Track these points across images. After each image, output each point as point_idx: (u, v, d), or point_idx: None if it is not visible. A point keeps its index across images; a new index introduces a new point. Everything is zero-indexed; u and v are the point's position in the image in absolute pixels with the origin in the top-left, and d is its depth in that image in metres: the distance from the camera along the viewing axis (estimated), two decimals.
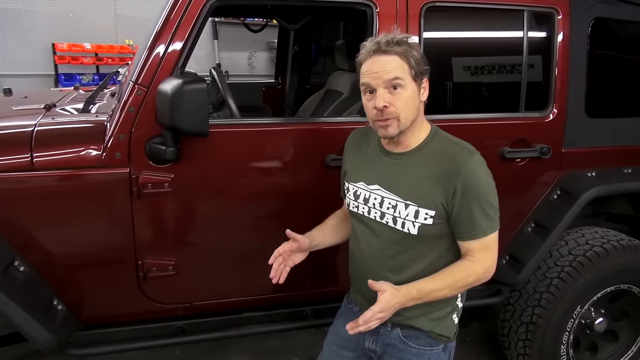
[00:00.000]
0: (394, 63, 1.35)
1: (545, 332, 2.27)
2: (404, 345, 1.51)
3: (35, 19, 5.76)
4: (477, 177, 1.36)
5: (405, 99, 1.36)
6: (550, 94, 2.21)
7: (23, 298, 1.67)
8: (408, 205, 1.40)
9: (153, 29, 1.85)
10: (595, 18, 2.25)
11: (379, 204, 1.46)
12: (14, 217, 1.71)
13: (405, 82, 1.35)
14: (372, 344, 1.57)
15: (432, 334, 1.50)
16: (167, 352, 2.75)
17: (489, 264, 1.42)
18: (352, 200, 1.54)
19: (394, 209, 1.43)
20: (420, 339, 1.50)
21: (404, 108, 1.36)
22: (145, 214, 1.82)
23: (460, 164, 1.36)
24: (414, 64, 1.35)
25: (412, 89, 1.37)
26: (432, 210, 1.38)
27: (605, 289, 2.31)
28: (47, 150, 1.72)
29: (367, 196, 1.49)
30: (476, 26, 2.19)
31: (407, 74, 1.35)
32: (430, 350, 1.50)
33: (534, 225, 2.32)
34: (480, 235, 1.38)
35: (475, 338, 3.03)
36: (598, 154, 2.35)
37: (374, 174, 1.49)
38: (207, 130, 1.68)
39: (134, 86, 1.75)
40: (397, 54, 1.35)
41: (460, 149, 1.41)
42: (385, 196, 1.45)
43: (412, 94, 1.37)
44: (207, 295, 2.02)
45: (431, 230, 1.40)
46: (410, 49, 1.36)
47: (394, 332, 1.52)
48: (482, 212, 1.36)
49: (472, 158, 1.38)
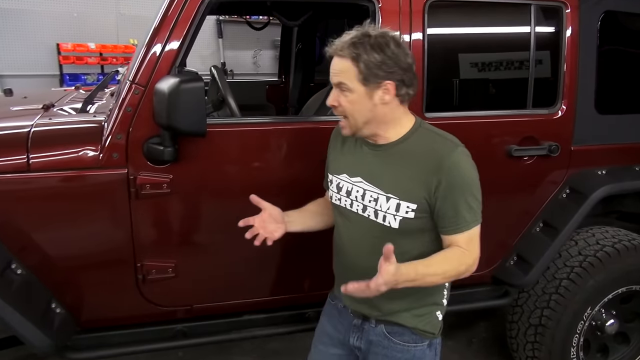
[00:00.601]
0: (340, 66, 1.36)
1: (554, 334, 2.24)
2: (388, 342, 1.50)
3: (40, 19, 5.78)
4: (460, 170, 1.35)
5: (350, 101, 1.37)
6: (559, 90, 2.16)
7: (20, 301, 1.65)
8: (389, 198, 1.39)
9: (151, 27, 1.82)
10: (605, 12, 2.21)
11: (361, 197, 1.45)
12: (11, 219, 1.69)
13: (350, 86, 1.35)
14: (357, 341, 1.56)
15: (416, 330, 1.49)
16: (170, 354, 2.74)
17: (474, 257, 1.40)
18: (334, 192, 1.53)
19: (375, 202, 1.42)
20: (404, 335, 1.49)
21: (350, 110, 1.38)
22: (143, 216, 1.80)
23: (443, 157, 1.34)
24: (363, 69, 1.33)
25: (360, 93, 1.35)
26: (413, 204, 1.37)
27: (617, 290, 2.27)
28: (43, 151, 1.70)
29: (349, 189, 1.48)
30: (482, 21, 2.15)
31: (354, 78, 1.34)
32: (414, 346, 1.50)
33: (542, 225, 2.28)
34: (464, 228, 1.36)
35: (482, 340, 3.00)
36: (608, 152, 2.31)
37: (357, 166, 1.48)
38: (205, 130, 1.65)
39: (131, 85, 1.73)
40: (347, 58, 1.34)
41: (444, 141, 1.40)
42: (367, 189, 1.44)
43: (359, 97, 1.36)
44: (208, 298, 1.99)
45: (412, 224, 1.39)
46: (367, 52, 1.32)
47: (378, 329, 1.51)
48: (466, 205, 1.35)
49: (455, 150, 1.36)
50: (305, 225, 1.66)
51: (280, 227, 1.58)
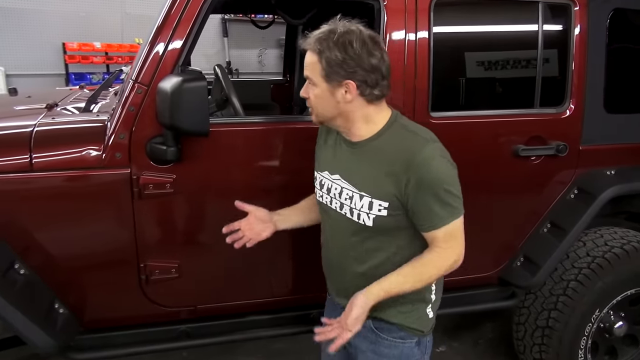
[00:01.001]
0: (308, 59, 1.36)
1: (562, 337, 2.22)
2: (375, 337, 1.49)
3: (46, 18, 5.80)
4: (430, 166, 1.31)
5: (315, 95, 1.38)
6: (567, 89, 2.14)
7: (22, 301, 1.64)
8: (363, 196, 1.38)
9: (154, 26, 1.81)
10: (614, 9, 2.18)
11: (338, 194, 1.45)
12: (14, 219, 1.69)
13: (315, 80, 1.36)
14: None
15: (403, 327, 1.47)
16: (174, 354, 2.73)
17: (458, 252, 1.38)
18: (318, 189, 1.53)
19: (350, 200, 1.41)
20: (392, 332, 1.48)
21: (315, 104, 1.40)
22: (146, 216, 1.79)
23: (414, 153, 1.31)
24: (325, 66, 1.31)
25: (322, 89, 1.35)
26: (385, 202, 1.35)
27: (625, 292, 2.25)
28: (46, 150, 1.69)
29: (329, 186, 1.47)
30: (488, 20, 2.13)
31: (317, 73, 1.34)
32: (402, 343, 1.48)
33: (550, 225, 2.26)
34: (439, 224, 1.33)
35: (488, 340, 2.98)
36: (617, 152, 2.28)
37: (336, 164, 1.47)
38: (208, 129, 1.64)
39: (134, 85, 1.72)
40: (314, 52, 1.34)
41: (415, 137, 1.36)
42: (344, 187, 1.43)
43: (322, 93, 1.36)
44: (212, 298, 1.98)
45: (386, 221, 1.37)
46: (329, 49, 1.30)
47: (366, 324, 1.48)
48: (439, 201, 1.31)
49: (426, 147, 1.33)
50: (296, 222, 1.68)
51: (268, 227, 1.62)
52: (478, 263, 2.18)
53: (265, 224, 1.62)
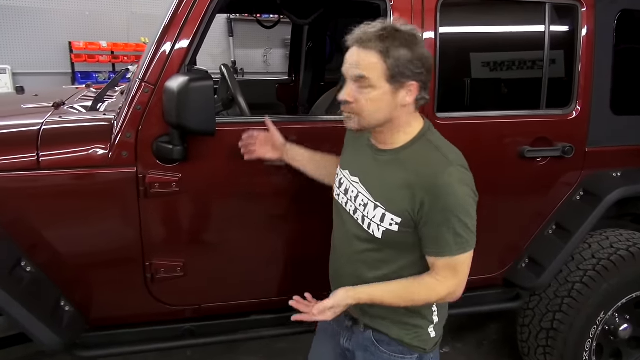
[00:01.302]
0: (368, 60, 1.24)
1: (566, 339, 2.22)
2: (375, 349, 1.46)
3: (52, 17, 5.82)
4: (449, 193, 1.23)
5: (371, 99, 1.26)
6: (573, 90, 2.13)
7: (29, 299, 1.65)
8: (377, 206, 1.33)
9: (160, 25, 1.82)
10: (622, 10, 2.17)
11: (354, 198, 1.40)
12: (21, 217, 1.69)
13: (374, 82, 1.25)
14: (347, 342, 1.55)
15: (402, 342, 1.43)
16: (178, 353, 2.75)
17: (455, 287, 1.32)
18: (336, 187, 1.49)
19: (364, 207, 1.36)
20: (391, 345, 1.45)
21: (366, 108, 1.27)
22: (152, 214, 1.80)
23: (435, 175, 1.25)
24: (393, 65, 1.23)
25: (384, 91, 1.26)
26: (398, 217, 1.30)
27: (631, 295, 2.24)
28: (53, 149, 1.70)
29: (347, 187, 1.44)
30: (495, 20, 2.13)
31: (380, 74, 1.24)
32: (402, 357, 1.45)
33: (555, 227, 2.25)
34: (446, 253, 1.27)
35: (493, 342, 2.98)
36: (624, 153, 2.27)
37: (357, 166, 1.43)
38: (214, 129, 1.64)
39: (141, 84, 1.72)
40: (375, 51, 1.23)
41: (439, 156, 1.29)
42: (360, 191, 1.39)
43: (382, 95, 1.26)
44: (216, 297, 1.99)
45: (396, 237, 1.32)
46: (398, 48, 1.23)
47: (367, 334, 1.47)
48: (451, 230, 1.25)
49: (447, 169, 1.25)
50: (301, 165, 1.71)
51: (276, 152, 1.71)
52: (483, 264, 2.17)
53: (275, 149, 1.71)
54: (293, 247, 2.00)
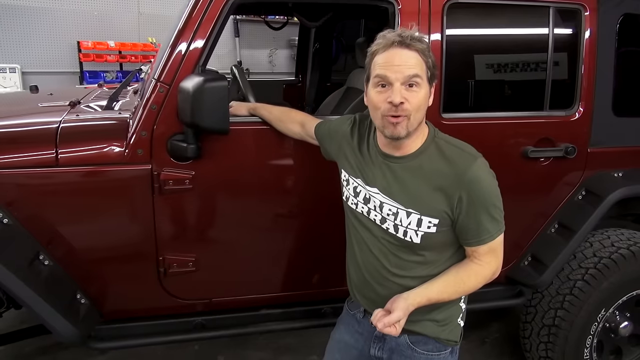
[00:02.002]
0: (415, 59, 1.28)
1: (568, 335, 2.24)
2: (411, 352, 1.48)
3: (61, 17, 5.88)
4: (481, 183, 1.30)
5: (420, 98, 1.29)
6: (576, 92, 2.17)
7: (47, 291, 1.69)
8: (410, 213, 1.35)
9: (175, 26, 1.86)
10: (624, 14, 2.20)
11: (379, 208, 1.41)
12: (39, 212, 1.74)
13: (422, 81, 1.29)
14: (379, 351, 1.55)
15: (439, 339, 1.48)
16: (186, 347, 2.79)
17: (497, 266, 1.40)
18: (352, 195, 1.49)
19: (394, 217, 1.37)
20: (428, 344, 1.48)
21: (416, 108, 1.29)
22: (166, 211, 1.84)
23: (464, 170, 1.30)
24: (430, 66, 1.31)
25: (426, 91, 1.31)
26: (435, 219, 1.34)
27: (631, 293, 2.27)
28: (71, 146, 1.75)
29: (367, 196, 1.44)
30: (500, 23, 2.16)
31: (424, 74, 1.29)
32: (437, 355, 1.48)
33: (557, 226, 2.29)
34: (487, 240, 1.34)
35: (495, 339, 3.00)
36: (625, 154, 2.30)
37: (373, 176, 1.42)
38: (228, 127, 1.69)
39: (156, 84, 1.77)
40: (418, 51, 1.28)
41: (462, 153, 1.35)
42: (384, 201, 1.39)
43: (425, 95, 1.31)
44: (226, 292, 2.03)
45: (435, 238, 1.36)
46: (428, 50, 1.31)
47: (402, 339, 1.48)
48: (489, 217, 1.32)
49: (475, 163, 1.32)
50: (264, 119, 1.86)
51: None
52: None
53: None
54: (302, 244, 2.04)
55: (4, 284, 1.60)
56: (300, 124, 1.79)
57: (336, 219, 1.70)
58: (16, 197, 1.71)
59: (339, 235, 1.68)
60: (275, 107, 1.87)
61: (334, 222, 1.76)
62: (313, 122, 1.74)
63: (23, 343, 2.46)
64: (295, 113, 1.84)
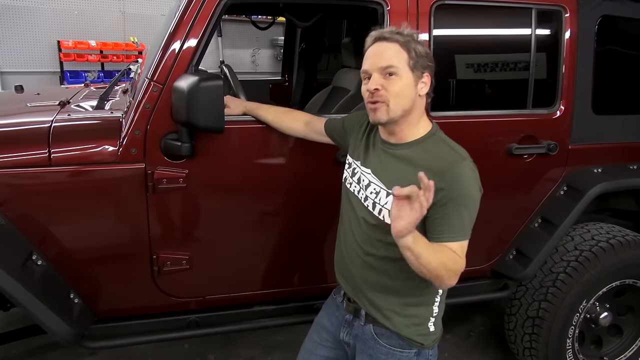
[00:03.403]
0: (392, 50, 1.36)
1: (551, 326, 2.31)
2: (374, 343, 1.51)
3: (41, 16, 5.79)
4: (462, 182, 1.33)
5: (399, 86, 1.36)
6: (558, 91, 2.23)
7: (42, 291, 1.69)
8: (389, 194, 1.40)
9: (166, 26, 1.86)
10: (602, 16, 2.28)
11: (365, 186, 1.48)
12: (32, 212, 1.73)
13: (400, 70, 1.36)
14: (347, 336, 1.60)
15: (402, 336, 1.48)
16: (176, 346, 2.79)
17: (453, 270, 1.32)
18: (349, 176, 1.57)
19: (375, 195, 1.44)
20: (391, 339, 1.49)
21: (395, 95, 1.36)
22: (159, 209, 1.85)
23: (449, 167, 1.34)
24: (413, 55, 1.36)
25: (408, 79, 1.37)
26: None
27: (611, 284, 2.34)
28: (64, 145, 1.75)
29: (360, 176, 1.51)
30: (485, 24, 2.21)
31: (404, 63, 1.36)
32: (400, 352, 1.49)
33: (540, 220, 2.35)
34: (448, 239, 1.33)
35: (480, 333, 3.07)
36: (604, 151, 2.38)
37: (369, 158, 1.51)
38: (223, 126, 1.70)
39: (150, 83, 1.77)
40: (397, 42, 1.36)
41: (452, 153, 1.39)
42: (372, 181, 1.46)
43: (407, 83, 1.37)
44: (220, 289, 2.05)
45: None
46: (413, 41, 1.38)
47: (367, 328, 1.53)
48: (459, 217, 1.33)
49: (461, 163, 1.35)
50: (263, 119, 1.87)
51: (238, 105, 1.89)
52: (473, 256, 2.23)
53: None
54: (295, 242, 2.06)
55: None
56: (304, 122, 1.82)
57: (327, 217, 1.73)
58: (8, 197, 1.70)
59: (329, 233, 1.72)
60: (272, 107, 1.90)
61: (325, 220, 1.80)
62: (319, 120, 1.81)
63: (10, 345, 2.44)
64: (298, 112, 1.89)
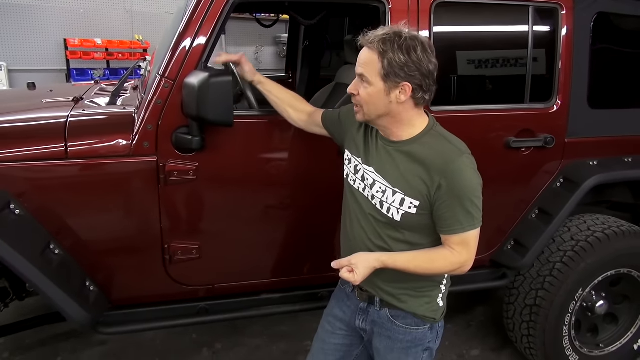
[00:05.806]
0: (366, 58, 1.41)
1: (548, 314, 2.37)
2: (391, 325, 1.59)
3: (48, 14, 5.86)
4: (462, 176, 1.38)
5: (368, 94, 1.42)
6: (554, 86, 2.30)
7: (60, 278, 1.76)
8: (395, 192, 1.46)
9: (176, 25, 1.93)
10: (598, 13, 2.34)
11: (371, 185, 1.52)
12: (49, 203, 1.81)
13: (370, 79, 1.40)
14: (363, 323, 1.66)
15: (417, 315, 1.57)
16: (184, 336, 2.87)
17: (466, 259, 1.45)
18: (351, 172, 1.60)
19: (382, 194, 1.48)
20: (407, 319, 1.58)
21: (365, 102, 1.44)
22: (171, 201, 1.92)
23: (448, 162, 1.39)
24: (387, 65, 1.36)
25: (378, 88, 1.40)
26: (416, 201, 1.43)
27: (606, 273, 2.41)
28: (80, 140, 1.82)
29: (364, 174, 1.55)
30: (484, 21, 2.27)
31: (375, 73, 1.39)
32: (416, 329, 1.58)
33: (538, 212, 2.42)
34: (459, 231, 1.41)
35: (480, 322, 3.14)
36: (599, 144, 2.44)
37: (370, 156, 1.55)
38: (232, 120, 1.77)
39: (161, 79, 1.84)
40: (375, 51, 1.38)
41: (451, 147, 1.43)
42: (377, 179, 1.51)
43: (377, 92, 1.41)
44: (228, 278, 2.12)
45: (414, 219, 1.45)
46: (395, 51, 1.36)
47: (383, 312, 1.60)
48: (464, 210, 1.39)
49: (460, 157, 1.40)
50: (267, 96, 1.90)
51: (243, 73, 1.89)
52: None
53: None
54: (301, 232, 2.13)
55: (21, 271, 1.66)
56: (308, 113, 1.86)
57: (333, 209, 1.79)
58: (27, 189, 1.78)
59: (335, 224, 1.78)
60: (283, 89, 1.91)
61: (331, 212, 1.86)
62: (319, 111, 1.85)
63: (23, 335, 2.52)
64: (306, 104, 1.91)
